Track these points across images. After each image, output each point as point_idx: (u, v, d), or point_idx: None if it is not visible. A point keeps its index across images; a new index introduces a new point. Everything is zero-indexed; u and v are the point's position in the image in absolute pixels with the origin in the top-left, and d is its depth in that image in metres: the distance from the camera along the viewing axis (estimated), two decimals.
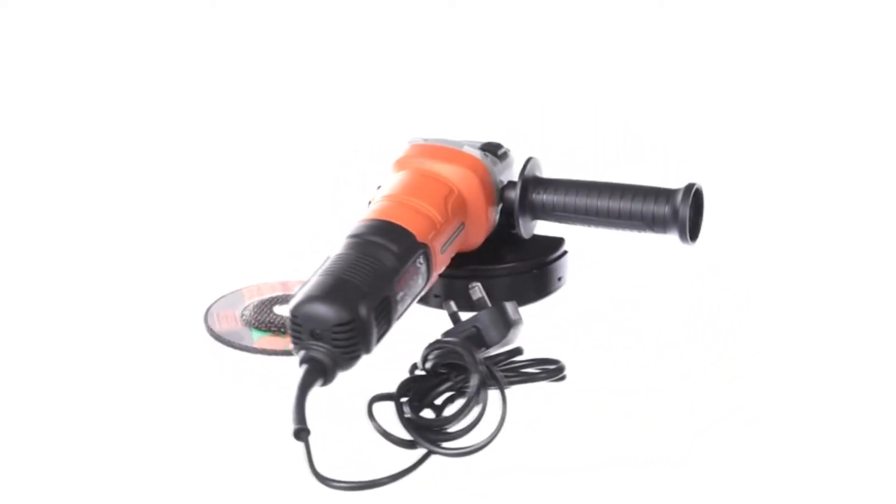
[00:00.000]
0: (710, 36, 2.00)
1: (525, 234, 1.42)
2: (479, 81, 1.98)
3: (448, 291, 1.38)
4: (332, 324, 1.13)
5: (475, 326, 1.22)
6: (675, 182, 1.37)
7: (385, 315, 1.19)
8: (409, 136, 1.43)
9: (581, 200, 1.38)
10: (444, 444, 1.11)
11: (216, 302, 1.42)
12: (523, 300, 1.36)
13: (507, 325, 1.23)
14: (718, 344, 1.33)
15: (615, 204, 1.37)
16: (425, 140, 1.41)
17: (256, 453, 1.13)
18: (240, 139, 1.92)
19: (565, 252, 1.45)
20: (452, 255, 1.35)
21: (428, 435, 1.11)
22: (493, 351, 1.23)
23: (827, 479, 1.10)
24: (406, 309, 1.24)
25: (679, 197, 1.34)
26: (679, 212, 1.33)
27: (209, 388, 1.25)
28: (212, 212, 1.72)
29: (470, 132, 1.44)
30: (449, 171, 1.36)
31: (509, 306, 1.24)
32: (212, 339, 1.35)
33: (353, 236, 1.24)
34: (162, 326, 1.38)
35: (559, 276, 1.44)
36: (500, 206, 1.40)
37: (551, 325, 1.37)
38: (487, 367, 1.16)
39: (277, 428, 1.10)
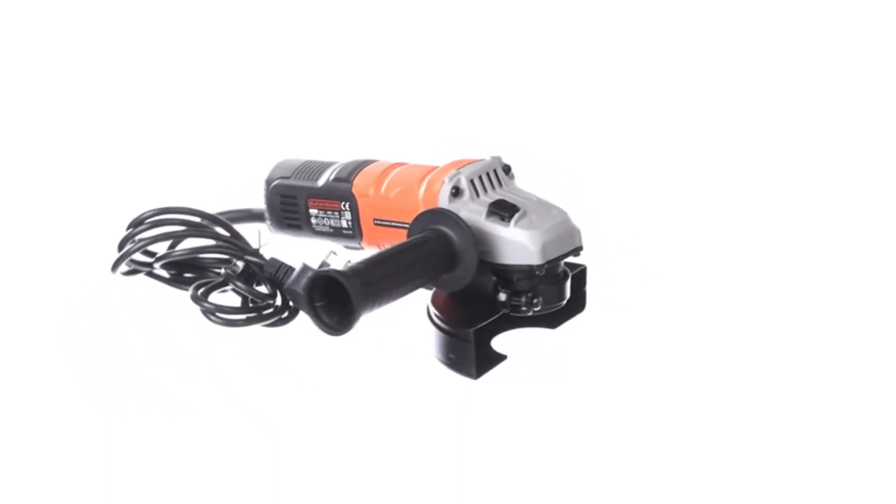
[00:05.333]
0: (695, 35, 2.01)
1: None
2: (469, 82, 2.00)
3: None
4: None
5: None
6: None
7: (284, 203, 1.51)
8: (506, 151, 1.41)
9: None
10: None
11: None
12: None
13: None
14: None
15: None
16: (492, 157, 1.38)
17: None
18: (235, 140, 1.92)
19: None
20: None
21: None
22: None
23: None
24: (322, 233, 1.49)
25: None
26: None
27: None
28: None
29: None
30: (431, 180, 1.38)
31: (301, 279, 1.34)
32: None
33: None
34: None
35: (450, 353, 1.30)
36: None
37: None
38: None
39: None
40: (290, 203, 1.50)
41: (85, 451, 1.19)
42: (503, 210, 1.28)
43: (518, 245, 1.26)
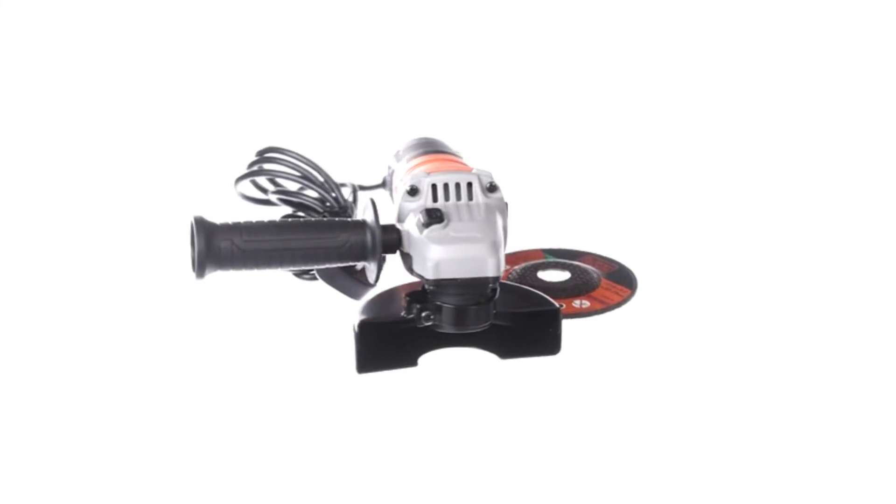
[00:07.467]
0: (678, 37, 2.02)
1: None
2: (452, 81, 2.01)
3: None
4: None
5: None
6: None
7: (388, 175, 1.53)
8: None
9: None
10: None
11: None
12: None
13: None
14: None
15: None
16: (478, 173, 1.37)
17: None
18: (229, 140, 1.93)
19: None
20: None
21: None
22: None
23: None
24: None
25: None
26: None
27: None
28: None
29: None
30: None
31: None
32: None
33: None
34: None
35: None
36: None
37: None
38: None
39: None
40: (390, 175, 1.53)
41: (85, 451, 1.18)
42: (426, 217, 1.27)
43: (419, 254, 1.26)
